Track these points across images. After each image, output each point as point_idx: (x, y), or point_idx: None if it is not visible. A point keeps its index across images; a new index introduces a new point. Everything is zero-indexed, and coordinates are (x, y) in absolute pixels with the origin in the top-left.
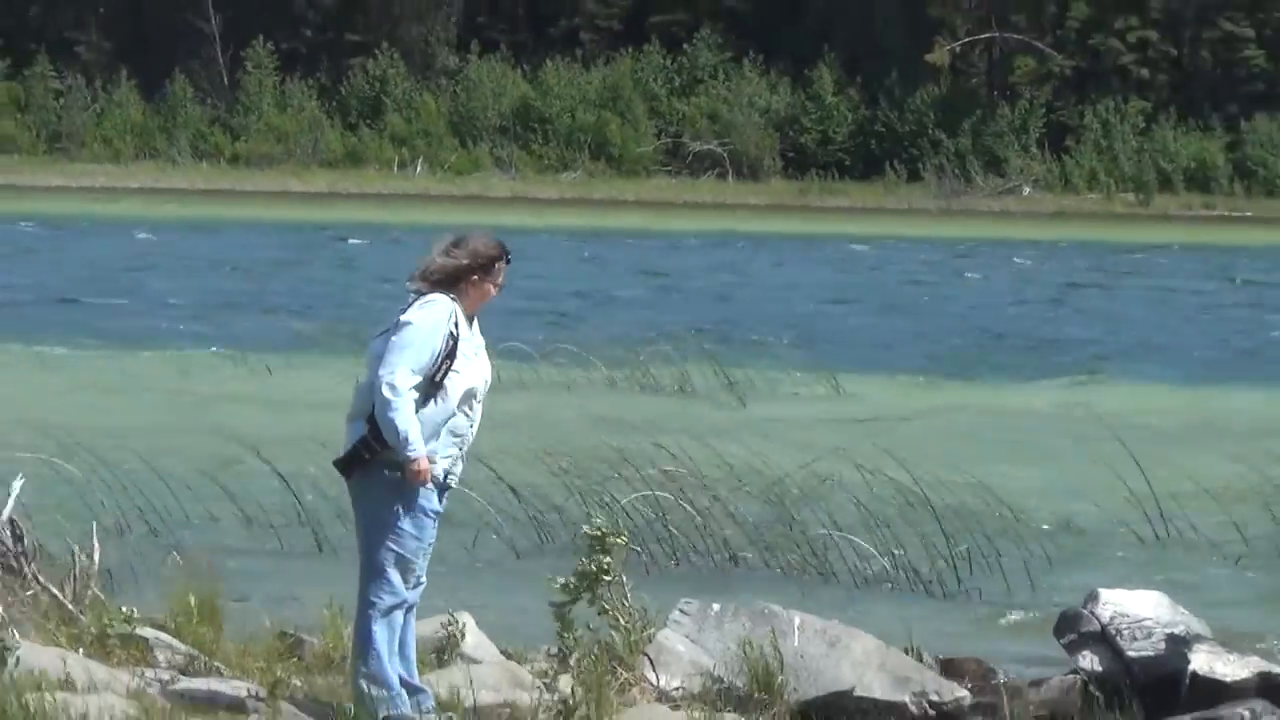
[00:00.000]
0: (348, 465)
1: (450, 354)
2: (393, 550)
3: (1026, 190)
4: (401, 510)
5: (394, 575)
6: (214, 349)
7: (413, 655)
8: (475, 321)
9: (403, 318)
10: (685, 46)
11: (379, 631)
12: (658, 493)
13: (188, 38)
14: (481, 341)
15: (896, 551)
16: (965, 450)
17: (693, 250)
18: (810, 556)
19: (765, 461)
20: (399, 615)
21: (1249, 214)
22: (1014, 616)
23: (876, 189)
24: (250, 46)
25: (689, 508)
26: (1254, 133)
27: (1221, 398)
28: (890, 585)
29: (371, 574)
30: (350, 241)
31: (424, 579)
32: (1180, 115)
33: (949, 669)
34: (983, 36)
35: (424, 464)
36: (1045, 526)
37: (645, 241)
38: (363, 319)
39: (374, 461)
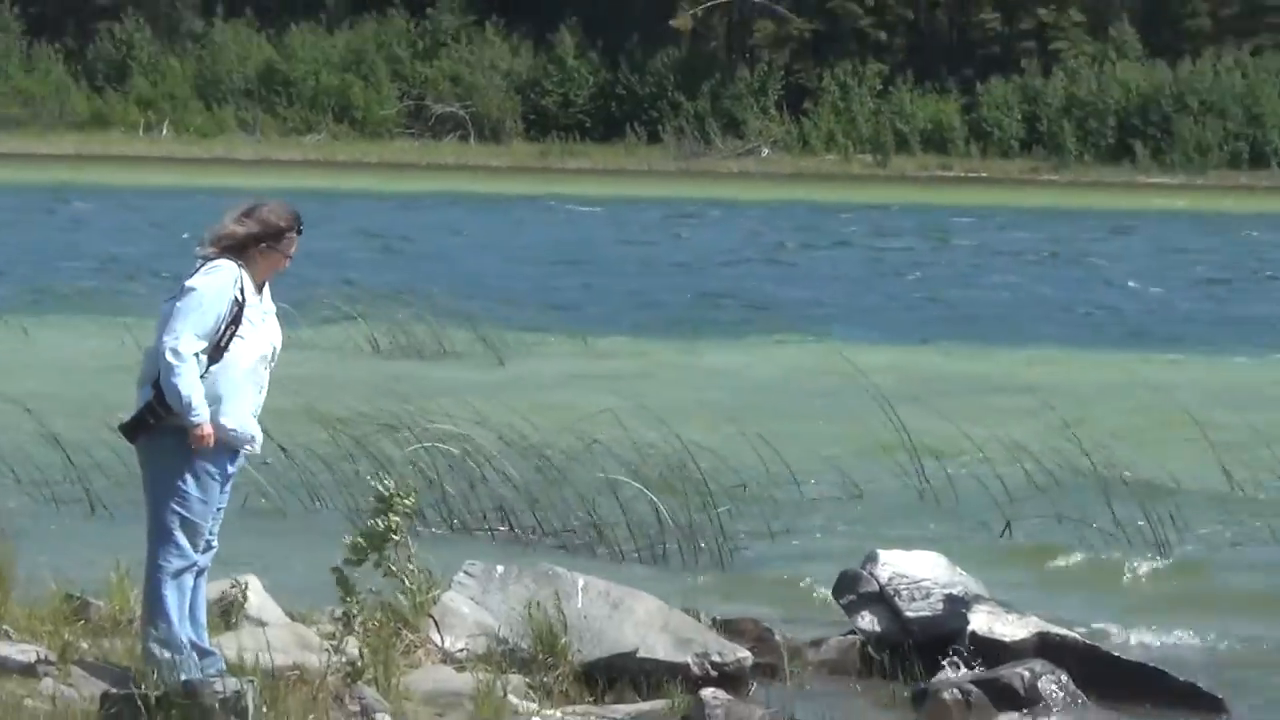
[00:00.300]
0: (133, 430)
1: (235, 320)
2: (179, 514)
3: (765, 152)
4: (188, 474)
5: (181, 538)
6: None
7: (203, 619)
8: (266, 289)
9: (188, 283)
10: (428, 10)
11: (169, 595)
12: (436, 449)
13: None
14: (272, 308)
15: (669, 514)
16: (719, 410)
17: (432, 210)
18: (587, 518)
19: (530, 423)
20: (188, 578)
21: (984, 175)
22: (789, 577)
23: (617, 151)
24: None
25: (464, 470)
26: (988, 95)
27: (935, 356)
28: (665, 547)
29: (159, 538)
30: (78, 204)
31: (215, 543)
32: (917, 78)
33: (728, 630)
34: (723, 0)
35: (206, 429)
36: (810, 486)
37: (387, 203)
38: (96, 280)
39: (159, 426)
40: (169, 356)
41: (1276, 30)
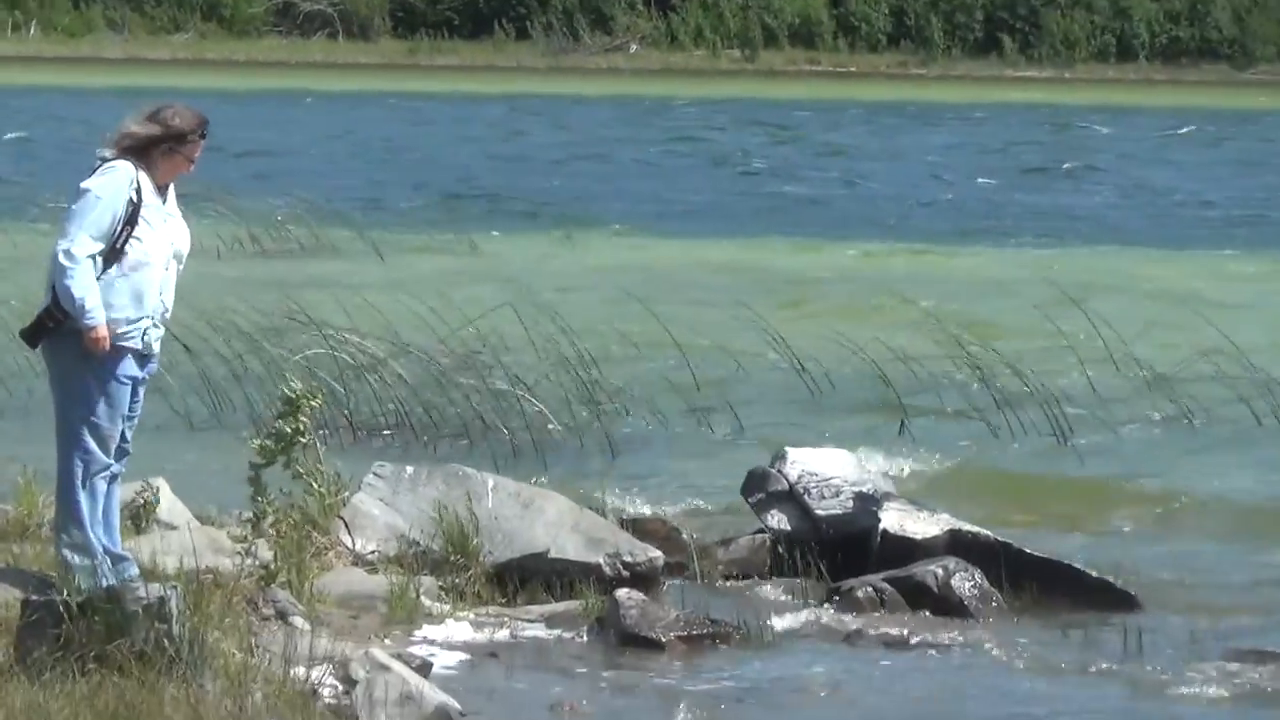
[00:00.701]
0: (33, 335)
1: (131, 221)
2: (86, 419)
3: (634, 48)
4: (91, 378)
5: (90, 443)
6: None
7: (115, 523)
8: (170, 191)
9: (82, 185)
10: None
11: (81, 500)
12: (334, 353)
13: None
14: (176, 211)
15: (567, 414)
16: (589, 309)
17: (306, 109)
18: (488, 417)
19: (423, 320)
20: (101, 483)
21: (852, 69)
22: (691, 476)
23: (486, 48)
24: None
25: (361, 370)
26: None
27: (778, 251)
28: (565, 448)
29: (68, 443)
30: None
31: (129, 448)
32: None
33: (637, 530)
34: None
35: (102, 331)
36: (697, 386)
37: (258, 101)
38: None
39: (59, 330)
40: (62, 259)
41: None
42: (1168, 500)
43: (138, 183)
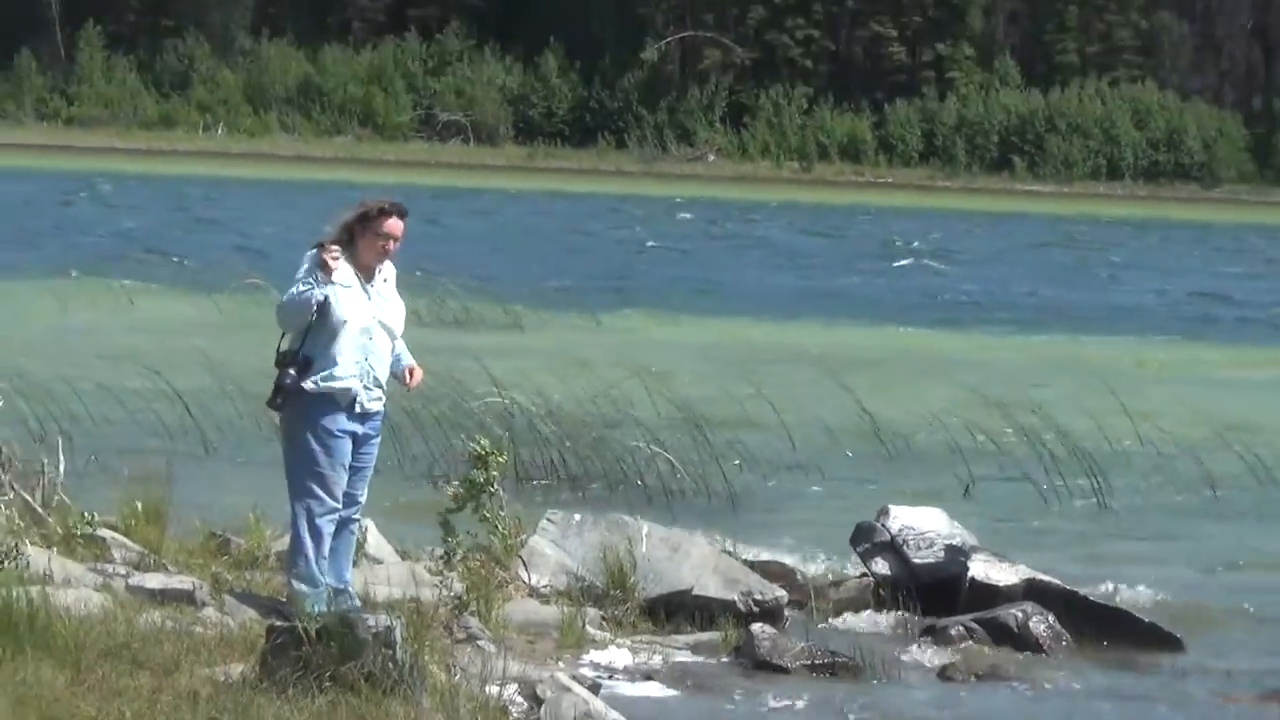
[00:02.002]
0: (272, 397)
1: (327, 313)
2: (306, 467)
3: (711, 158)
4: (310, 434)
5: (314, 488)
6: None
7: (345, 561)
8: (382, 270)
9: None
10: (437, 35)
11: (305, 539)
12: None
13: (32, 20)
14: (384, 289)
15: (695, 467)
16: (721, 379)
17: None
18: (629, 470)
19: (564, 385)
20: (325, 525)
21: (890, 180)
22: (805, 528)
23: (590, 155)
24: (83, 28)
25: (524, 428)
26: (895, 114)
27: (839, 334)
28: (696, 497)
29: (293, 490)
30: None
31: (361, 497)
32: (836, 99)
33: (763, 571)
34: (681, 35)
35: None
36: (799, 451)
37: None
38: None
39: (287, 391)
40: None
41: (1130, 65)
42: (1199, 555)
43: (313, 263)
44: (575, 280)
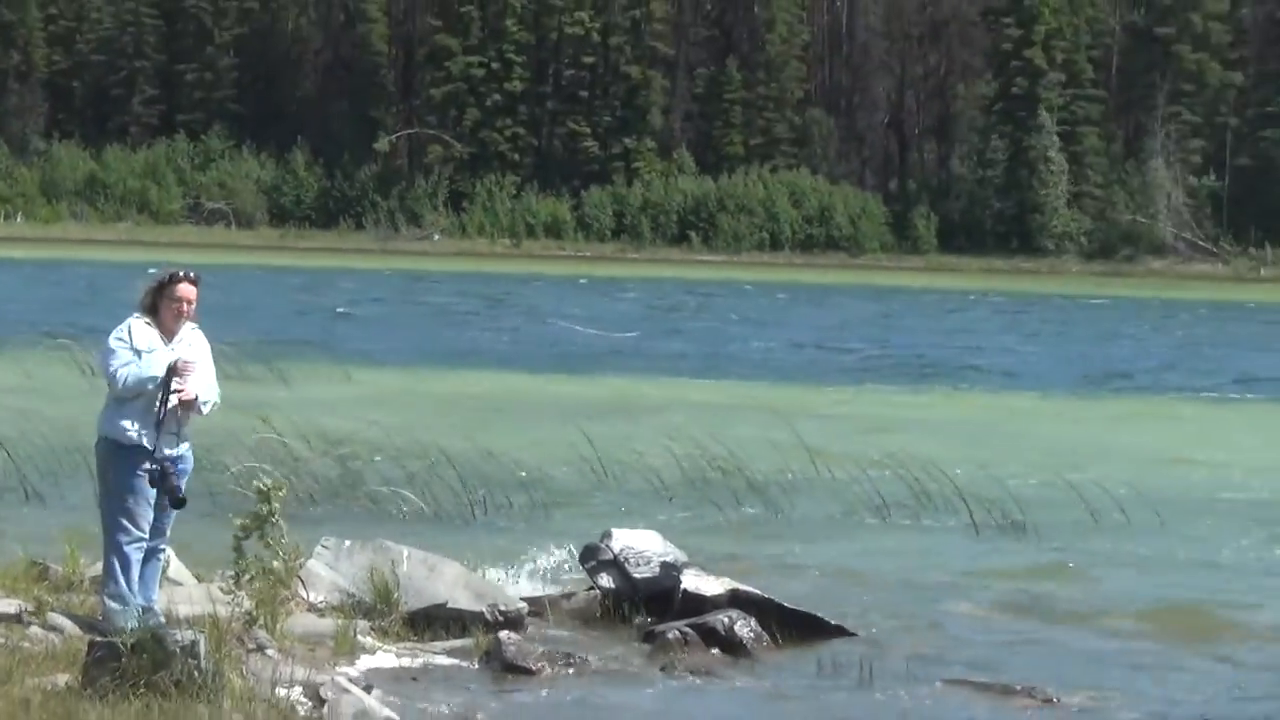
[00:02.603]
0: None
1: (137, 378)
2: (117, 504)
3: (436, 236)
4: (114, 478)
5: (124, 522)
6: None
7: (153, 584)
8: (184, 329)
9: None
10: (202, 136)
11: (116, 564)
12: (271, 450)
13: None
14: (181, 346)
15: (448, 500)
16: (449, 421)
17: (209, 275)
18: (388, 501)
19: (329, 430)
20: (134, 552)
21: (587, 253)
22: (542, 549)
23: (332, 235)
24: None
25: (293, 466)
26: (589, 198)
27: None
28: (442, 525)
29: (106, 525)
30: None
31: (166, 529)
32: (540, 185)
33: (504, 586)
34: (407, 133)
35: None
36: (534, 483)
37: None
38: None
39: (100, 443)
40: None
41: (786, 155)
42: (876, 564)
43: (130, 330)
44: (328, 340)
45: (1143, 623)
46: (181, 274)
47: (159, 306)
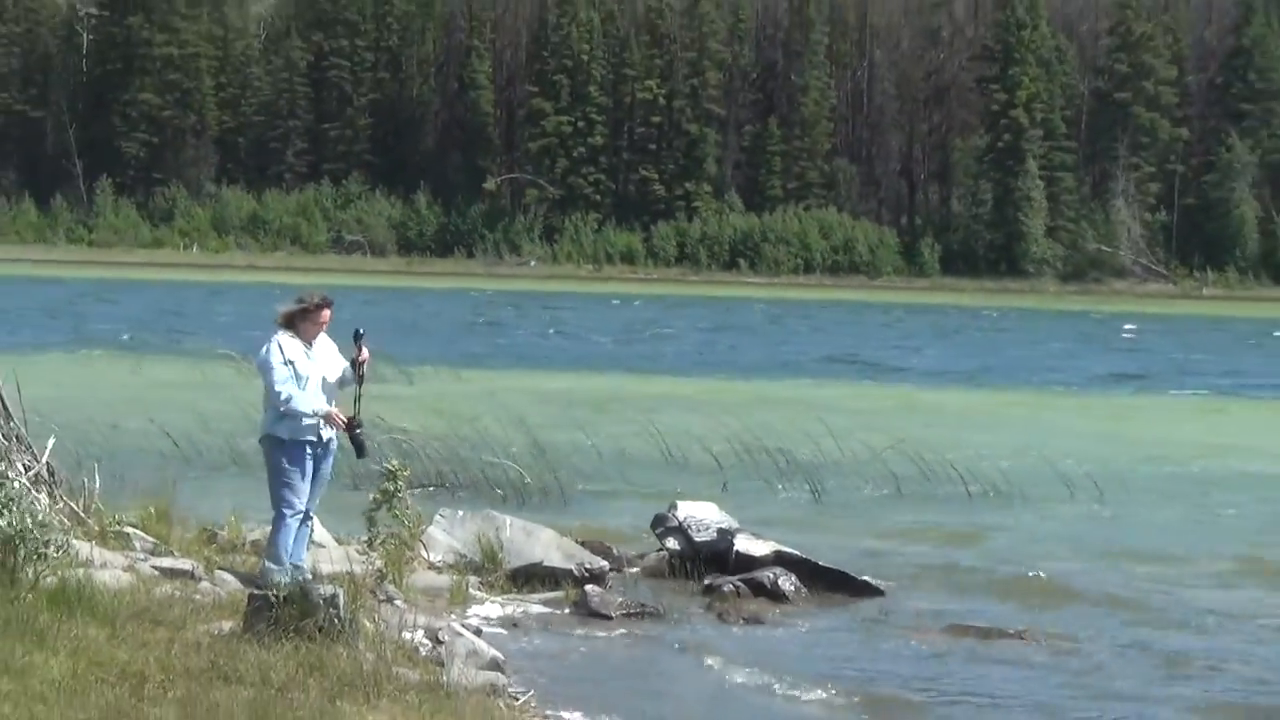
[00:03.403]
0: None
1: (295, 374)
2: (280, 486)
3: (533, 263)
4: (278, 466)
5: (286, 497)
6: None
7: (302, 548)
8: (319, 340)
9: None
10: (343, 181)
11: (279, 532)
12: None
13: (63, 175)
14: (323, 355)
15: (542, 478)
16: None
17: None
18: (494, 479)
19: (444, 421)
20: (293, 523)
21: (655, 277)
22: (617, 517)
23: (449, 263)
24: (98, 180)
25: (419, 452)
26: (657, 232)
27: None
28: (538, 499)
29: (274, 501)
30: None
31: (314, 504)
32: (617, 221)
33: (591, 548)
34: (510, 177)
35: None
36: (609, 461)
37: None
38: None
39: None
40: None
41: (817, 196)
42: (891, 529)
43: (279, 343)
44: (443, 348)
45: (1106, 569)
46: (321, 300)
47: (299, 324)
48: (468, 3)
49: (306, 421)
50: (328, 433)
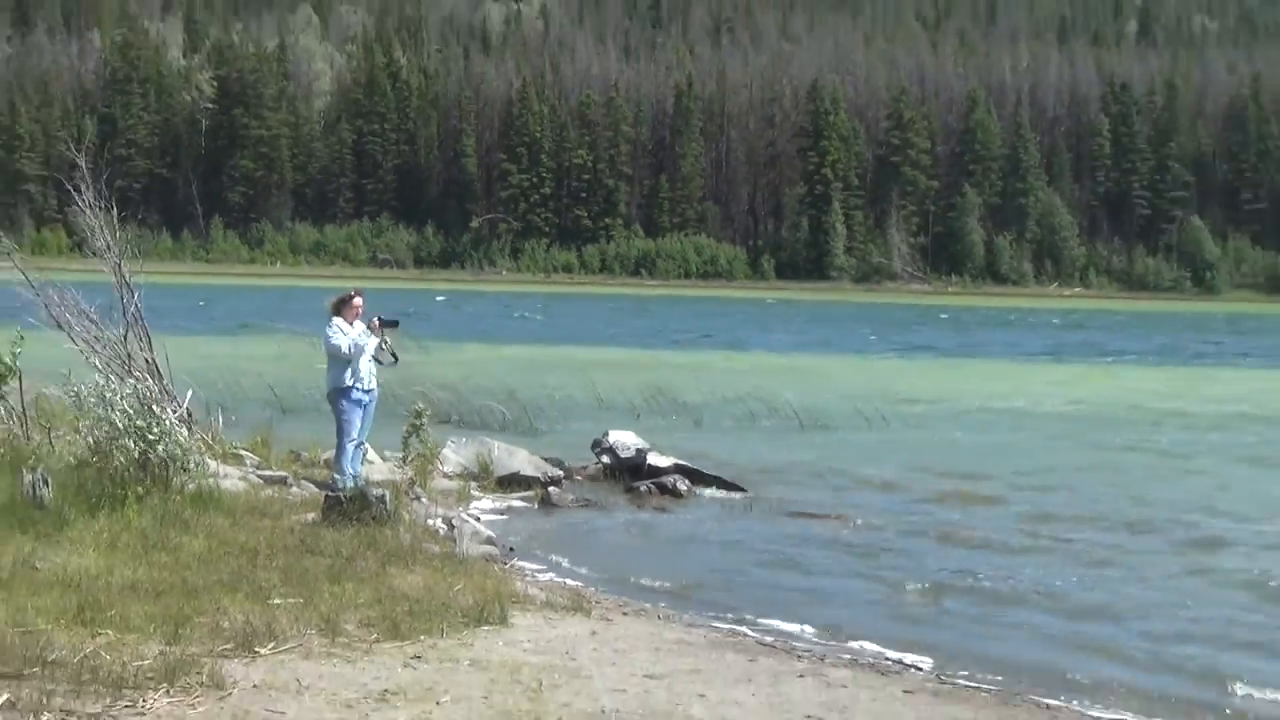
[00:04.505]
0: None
1: (350, 346)
2: (341, 422)
3: (503, 273)
4: (340, 408)
5: (347, 429)
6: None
7: (358, 463)
8: (358, 322)
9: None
10: (377, 218)
11: (342, 453)
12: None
13: (187, 215)
14: (365, 330)
15: (509, 415)
16: (515, 373)
17: (387, 295)
18: (487, 419)
19: (451, 378)
20: (351, 447)
21: (585, 281)
22: (568, 442)
23: (448, 272)
24: (212, 218)
25: (436, 400)
26: (587, 252)
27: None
28: (514, 429)
29: (339, 431)
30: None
31: (365, 434)
32: (560, 245)
33: (552, 463)
34: (488, 216)
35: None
36: (563, 405)
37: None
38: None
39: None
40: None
41: (693, 227)
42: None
43: (337, 323)
44: (447, 329)
45: (893, 470)
46: (355, 291)
47: (343, 310)
48: (459, 99)
49: (359, 379)
50: (374, 382)
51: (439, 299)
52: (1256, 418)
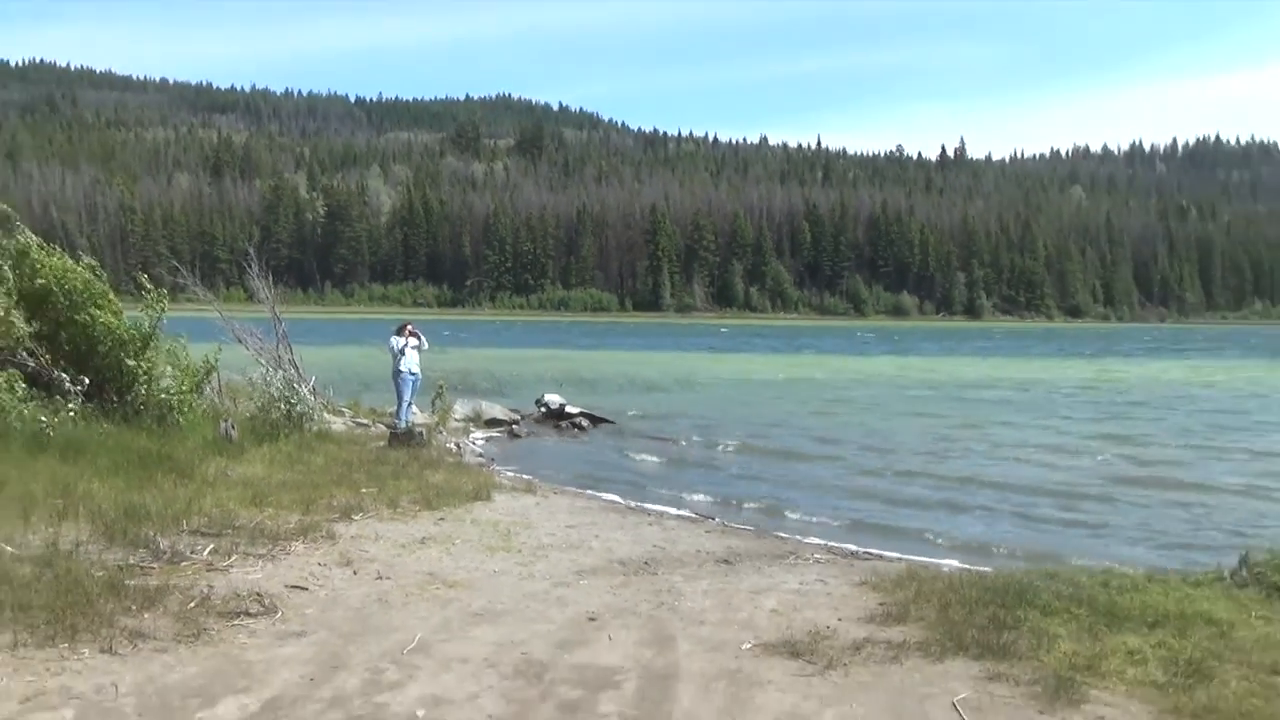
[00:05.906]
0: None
1: (403, 350)
2: (399, 389)
3: (488, 311)
4: (399, 382)
5: (403, 395)
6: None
7: (407, 414)
8: (411, 339)
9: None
10: (404, 282)
11: (400, 408)
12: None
13: (311, 279)
14: (418, 343)
15: (493, 386)
16: (495, 362)
17: (423, 322)
18: (479, 386)
19: (458, 366)
20: (403, 406)
21: (538, 316)
22: (523, 398)
23: (456, 310)
24: (326, 282)
25: (455, 377)
26: (531, 299)
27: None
28: (494, 394)
29: (398, 396)
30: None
31: (413, 397)
32: (515, 294)
33: (512, 410)
34: (477, 278)
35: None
36: (522, 379)
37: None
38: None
39: (395, 375)
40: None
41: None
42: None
43: (399, 340)
44: (456, 340)
45: (719, 411)
46: (408, 325)
47: (400, 332)
48: (460, 216)
49: (409, 366)
50: (416, 370)
51: (445, 334)
52: (873, 381)
